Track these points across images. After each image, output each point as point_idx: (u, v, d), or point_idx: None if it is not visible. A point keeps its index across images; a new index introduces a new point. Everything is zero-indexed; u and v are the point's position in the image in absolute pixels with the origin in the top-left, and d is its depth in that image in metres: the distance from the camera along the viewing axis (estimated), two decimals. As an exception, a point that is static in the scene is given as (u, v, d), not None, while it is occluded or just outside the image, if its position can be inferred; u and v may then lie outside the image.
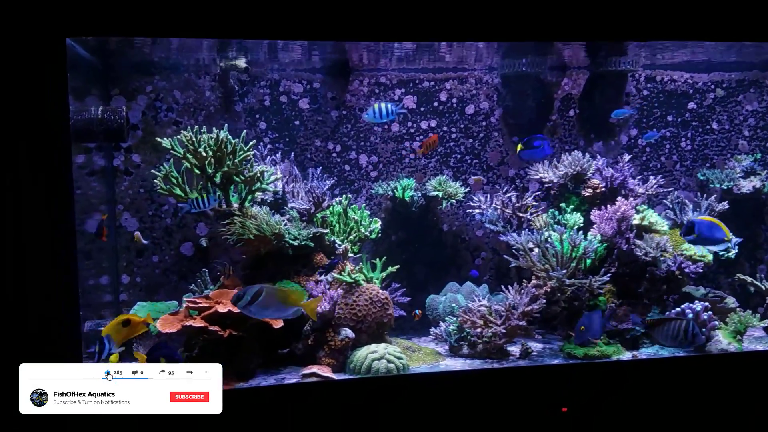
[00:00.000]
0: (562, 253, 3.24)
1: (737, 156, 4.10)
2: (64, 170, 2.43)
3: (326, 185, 3.32)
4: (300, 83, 3.76)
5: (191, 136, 2.93)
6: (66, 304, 2.43)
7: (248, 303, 2.55)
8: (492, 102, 3.95)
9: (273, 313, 2.71)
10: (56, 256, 2.42)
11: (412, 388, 2.95)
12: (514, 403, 2.95)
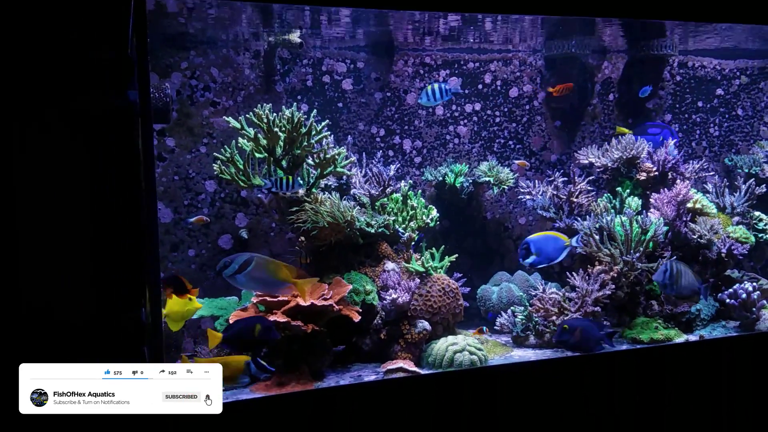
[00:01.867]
0: (631, 237, 3.20)
1: (760, 142, 4.21)
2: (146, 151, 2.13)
3: (390, 170, 3.12)
4: (343, 62, 3.53)
5: (266, 113, 2.66)
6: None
7: (235, 272, 2.40)
8: (535, 85, 3.87)
9: (260, 286, 2.54)
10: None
11: (496, 379, 2.82)
12: (590, 390, 2.89)
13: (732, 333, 3.33)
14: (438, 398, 2.68)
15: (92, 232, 2.10)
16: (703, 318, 3.41)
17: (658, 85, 4.01)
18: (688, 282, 2.98)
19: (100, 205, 2.10)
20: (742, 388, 3.08)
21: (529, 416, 2.78)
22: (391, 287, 2.90)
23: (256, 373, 2.51)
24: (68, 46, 2.01)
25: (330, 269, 2.98)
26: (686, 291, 3.01)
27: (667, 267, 2.98)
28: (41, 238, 1.97)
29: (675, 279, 2.95)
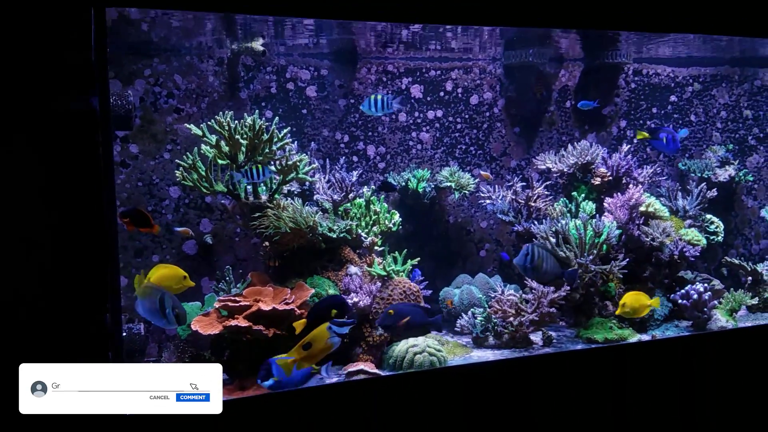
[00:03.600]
0: (585, 240, 3.31)
1: (712, 147, 4.38)
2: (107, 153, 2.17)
3: (353, 176, 3.19)
4: (307, 70, 3.59)
5: (228, 121, 2.71)
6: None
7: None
8: (495, 92, 3.97)
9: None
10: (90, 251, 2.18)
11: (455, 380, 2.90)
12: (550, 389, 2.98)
13: (684, 332, 3.46)
14: (398, 399, 2.75)
15: (51, 238, 2.13)
16: (656, 318, 3.53)
17: (613, 93, 4.14)
18: (550, 266, 2.89)
19: (59, 210, 2.13)
20: (694, 386, 3.20)
21: (486, 416, 2.86)
22: (353, 291, 2.96)
23: (341, 331, 2.54)
24: (30, 50, 2.05)
25: (293, 274, 3.04)
26: (548, 276, 2.93)
27: (528, 250, 2.88)
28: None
29: (537, 263, 2.86)
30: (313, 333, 2.54)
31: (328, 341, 2.50)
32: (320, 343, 2.48)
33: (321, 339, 2.50)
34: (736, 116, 4.49)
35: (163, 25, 3.12)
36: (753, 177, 4.45)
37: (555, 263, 2.88)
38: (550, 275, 2.90)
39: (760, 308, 3.87)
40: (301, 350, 2.46)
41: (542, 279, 2.97)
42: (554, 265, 2.88)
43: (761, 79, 4.52)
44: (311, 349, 2.47)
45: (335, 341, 2.53)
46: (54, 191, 2.10)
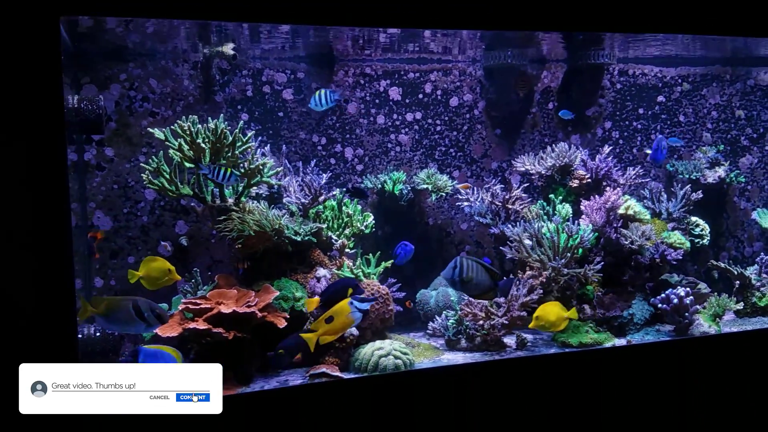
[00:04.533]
0: (558, 243, 3.28)
1: (702, 147, 4.30)
2: (59, 162, 2.22)
3: (323, 178, 3.20)
4: (284, 73, 3.61)
5: (189, 125, 2.74)
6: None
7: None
8: (475, 94, 3.95)
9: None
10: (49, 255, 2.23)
11: (421, 383, 2.90)
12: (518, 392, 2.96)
13: (665, 337, 3.41)
14: (359, 402, 2.76)
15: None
16: (636, 322, 3.48)
17: (597, 93, 4.09)
18: (480, 279, 2.82)
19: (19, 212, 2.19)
20: (672, 392, 3.16)
21: (450, 420, 2.86)
22: (318, 294, 2.97)
23: (362, 307, 2.67)
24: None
25: (262, 276, 3.06)
26: (479, 288, 2.84)
27: (457, 263, 2.82)
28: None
29: (466, 276, 2.79)
30: (335, 308, 2.65)
31: (349, 315, 2.62)
32: (341, 317, 2.60)
33: (342, 313, 2.61)
34: (728, 116, 4.41)
35: (138, 31, 3.16)
36: (745, 178, 4.37)
37: (485, 275, 2.82)
38: (480, 288, 2.83)
39: (748, 313, 3.80)
40: (324, 323, 2.59)
41: (471, 292, 2.91)
42: (484, 277, 2.82)
43: (755, 79, 4.42)
44: (333, 323, 2.60)
45: (357, 316, 2.65)
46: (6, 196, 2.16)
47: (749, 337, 3.52)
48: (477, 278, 2.80)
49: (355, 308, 2.63)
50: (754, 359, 3.32)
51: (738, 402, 3.27)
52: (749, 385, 3.28)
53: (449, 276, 2.83)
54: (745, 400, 3.28)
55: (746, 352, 3.36)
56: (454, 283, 2.86)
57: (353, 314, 2.63)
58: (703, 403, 3.20)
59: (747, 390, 3.28)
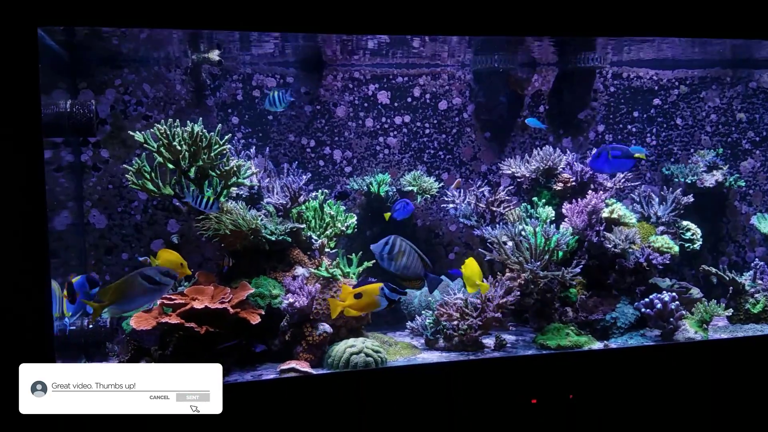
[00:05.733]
0: (535, 245, 3.30)
1: (700, 151, 4.24)
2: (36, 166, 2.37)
3: (302, 180, 3.30)
4: (273, 77, 3.72)
5: (165, 129, 2.88)
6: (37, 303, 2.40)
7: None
8: (464, 98, 3.99)
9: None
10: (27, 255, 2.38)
11: (390, 381, 2.96)
12: (491, 394, 2.99)
13: (648, 342, 3.38)
14: (328, 397, 2.84)
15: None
16: (620, 326, 3.47)
17: (589, 96, 4.08)
18: (411, 263, 2.84)
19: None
20: (651, 399, 3.14)
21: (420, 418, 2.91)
22: (292, 292, 3.07)
23: (390, 296, 2.78)
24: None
25: (242, 274, 3.18)
26: (407, 272, 2.88)
27: (389, 240, 2.83)
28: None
29: (395, 255, 2.81)
30: (366, 287, 2.80)
31: (376, 298, 2.76)
32: (369, 298, 2.76)
33: (371, 294, 2.77)
34: (728, 119, 4.33)
35: (132, 38, 3.32)
36: (745, 182, 4.28)
37: (418, 261, 2.84)
38: (409, 271, 2.86)
39: (741, 320, 3.73)
40: (352, 297, 2.76)
41: (398, 272, 2.92)
42: (416, 263, 2.84)
43: (757, 81, 4.33)
44: (360, 299, 2.77)
45: (382, 302, 2.78)
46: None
47: (738, 344, 3.45)
48: (407, 261, 2.84)
49: (383, 294, 2.76)
50: (742, 368, 3.27)
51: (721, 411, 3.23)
52: (735, 394, 3.23)
53: (378, 250, 2.88)
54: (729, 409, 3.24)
55: (733, 360, 3.30)
56: (382, 258, 2.89)
57: (380, 299, 2.76)
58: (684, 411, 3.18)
59: (732, 399, 3.23)
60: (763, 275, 3.84)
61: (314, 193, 3.39)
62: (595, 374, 3.15)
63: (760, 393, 3.25)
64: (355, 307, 2.79)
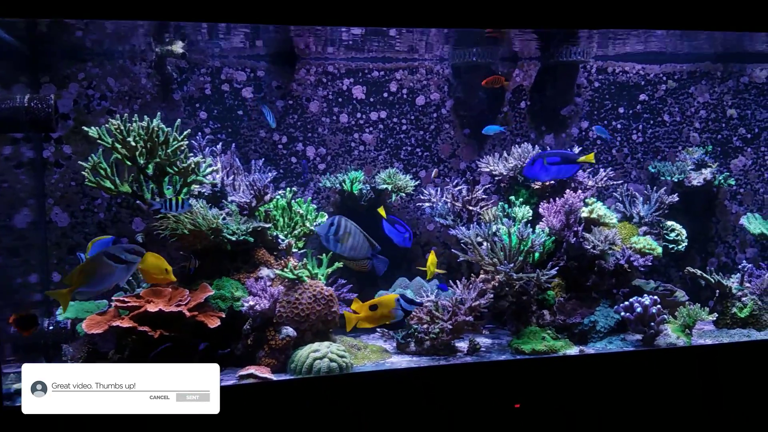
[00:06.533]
0: (509, 246, 3.18)
1: (689, 148, 4.10)
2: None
3: (268, 177, 3.18)
4: (243, 71, 3.61)
5: (119, 124, 2.77)
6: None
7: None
8: (443, 93, 3.86)
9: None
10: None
11: (355, 388, 2.86)
12: (461, 400, 2.88)
13: (628, 347, 3.26)
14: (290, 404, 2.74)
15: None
16: (599, 330, 3.35)
17: (573, 92, 3.94)
18: (357, 243, 2.76)
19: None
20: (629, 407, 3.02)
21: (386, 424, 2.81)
22: (254, 294, 2.96)
23: (407, 307, 2.77)
24: None
25: (204, 275, 3.07)
26: (354, 253, 2.79)
27: (334, 221, 2.75)
28: None
29: (341, 236, 2.71)
30: (381, 298, 2.79)
31: (392, 311, 2.74)
32: (384, 309, 2.73)
33: (386, 306, 2.74)
34: (718, 116, 4.18)
35: (97, 30, 3.22)
36: (735, 181, 4.14)
37: (365, 242, 2.75)
38: (356, 252, 2.78)
39: (728, 324, 3.60)
40: (367, 310, 2.72)
41: (346, 253, 2.84)
42: (363, 244, 2.76)
43: (749, 76, 4.18)
44: (375, 311, 2.73)
45: (398, 314, 2.75)
46: None
47: (722, 350, 3.32)
48: (354, 242, 2.75)
49: (399, 306, 2.72)
50: (727, 375, 3.13)
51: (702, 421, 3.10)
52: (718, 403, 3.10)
53: (324, 232, 2.78)
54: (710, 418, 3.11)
55: (718, 367, 3.17)
56: (328, 240, 2.79)
57: (396, 311, 2.73)
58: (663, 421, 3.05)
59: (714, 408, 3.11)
60: (752, 278, 3.71)
61: (282, 191, 3.27)
62: (571, 380, 3.03)
63: (744, 402, 3.12)
64: (370, 319, 2.75)
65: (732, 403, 3.10)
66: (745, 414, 3.12)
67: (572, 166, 3.18)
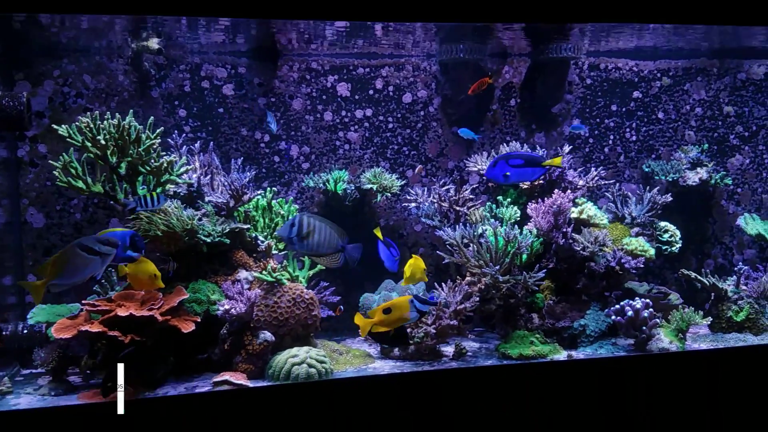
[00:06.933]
0: (496, 248, 3.08)
1: (684, 147, 3.99)
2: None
3: (246, 177, 3.09)
4: (224, 68, 3.52)
5: (89, 122, 2.68)
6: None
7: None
8: (430, 90, 3.76)
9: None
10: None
11: (334, 394, 2.76)
12: (445, 407, 2.79)
13: (620, 352, 3.16)
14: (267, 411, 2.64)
15: None
16: (589, 334, 3.25)
17: (563, 89, 3.83)
18: (323, 239, 2.54)
19: None
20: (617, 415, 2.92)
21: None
22: (230, 297, 2.87)
23: (422, 308, 2.69)
24: None
25: (181, 278, 2.98)
26: (322, 249, 2.57)
27: (294, 221, 2.54)
28: None
29: (306, 235, 2.50)
30: (395, 301, 2.72)
31: (406, 314, 2.66)
32: (399, 312, 2.66)
33: (401, 309, 2.66)
34: (715, 113, 4.07)
35: (72, 26, 3.13)
36: (733, 180, 4.03)
37: (332, 234, 2.55)
38: (324, 247, 2.56)
39: (723, 328, 3.49)
40: (381, 313, 2.66)
41: (313, 252, 2.64)
42: (330, 236, 2.55)
43: (746, 72, 4.07)
44: (390, 314, 2.65)
45: (413, 315, 2.68)
46: None
47: (717, 355, 3.22)
48: (320, 238, 2.55)
49: (414, 307, 2.66)
50: (721, 381, 3.02)
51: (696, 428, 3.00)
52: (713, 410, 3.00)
53: (285, 234, 2.58)
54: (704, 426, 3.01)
55: (712, 373, 3.06)
56: (292, 243, 2.59)
57: (411, 312, 2.67)
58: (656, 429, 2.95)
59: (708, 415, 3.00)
60: (748, 280, 3.60)
61: (261, 191, 3.18)
62: (559, 386, 2.93)
63: (739, 410, 3.01)
64: (384, 322, 2.67)
65: (727, 411, 2.99)
66: (741, 422, 3.02)
67: (536, 169, 3.04)
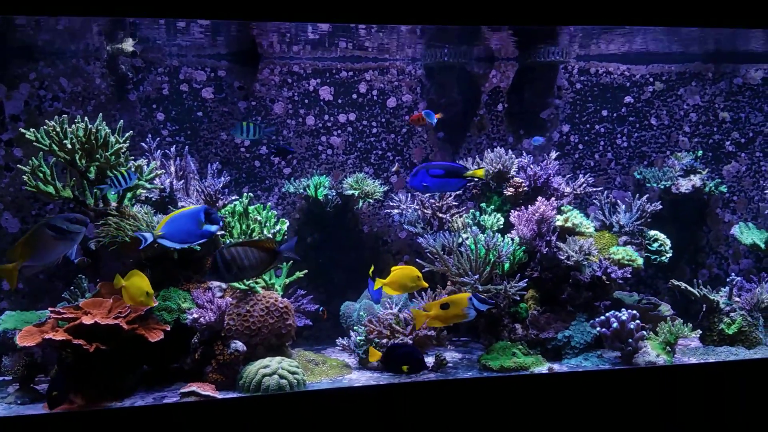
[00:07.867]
0: (476, 257, 2.99)
1: (677, 153, 3.88)
2: None
3: (221, 182, 3.02)
4: (203, 71, 3.46)
5: (55, 125, 2.62)
6: None
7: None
8: (415, 95, 3.69)
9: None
10: None
11: (306, 406, 2.68)
12: (423, 421, 2.70)
13: (604, 365, 3.06)
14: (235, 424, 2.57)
15: None
16: (573, 345, 3.15)
17: (552, 94, 3.74)
18: (252, 260, 2.42)
19: None
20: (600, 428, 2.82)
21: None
22: (200, 306, 2.80)
23: (479, 306, 2.66)
24: None
25: (153, 285, 2.91)
26: (255, 271, 2.47)
27: (216, 257, 2.41)
28: None
29: (232, 265, 2.38)
30: (453, 296, 2.71)
31: (464, 310, 2.64)
32: (456, 309, 2.63)
33: (458, 305, 2.63)
34: (710, 119, 3.96)
35: (48, 28, 3.08)
36: (728, 188, 3.92)
37: (254, 252, 2.43)
38: (258, 268, 2.47)
39: (715, 341, 3.38)
40: (439, 308, 2.63)
41: (251, 275, 2.57)
42: (254, 254, 2.43)
43: (743, 77, 3.96)
44: (447, 310, 2.63)
45: (471, 313, 2.66)
46: None
47: (705, 370, 3.10)
48: (248, 261, 2.42)
49: (471, 305, 2.63)
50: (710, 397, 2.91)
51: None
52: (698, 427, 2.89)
53: (215, 275, 2.49)
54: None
55: (700, 389, 2.95)
56: (224, 279, 2.53)
57: (468, 310, 2.64)
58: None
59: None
60: (741, 292, 3.49)
61: (233, 196, 3.11)
62: (540, 400, 2.84)
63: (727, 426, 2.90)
64: (441, 318, 2.66)
65: (714, 428, 2.88)
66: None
67: (457, 181, 2.95)
